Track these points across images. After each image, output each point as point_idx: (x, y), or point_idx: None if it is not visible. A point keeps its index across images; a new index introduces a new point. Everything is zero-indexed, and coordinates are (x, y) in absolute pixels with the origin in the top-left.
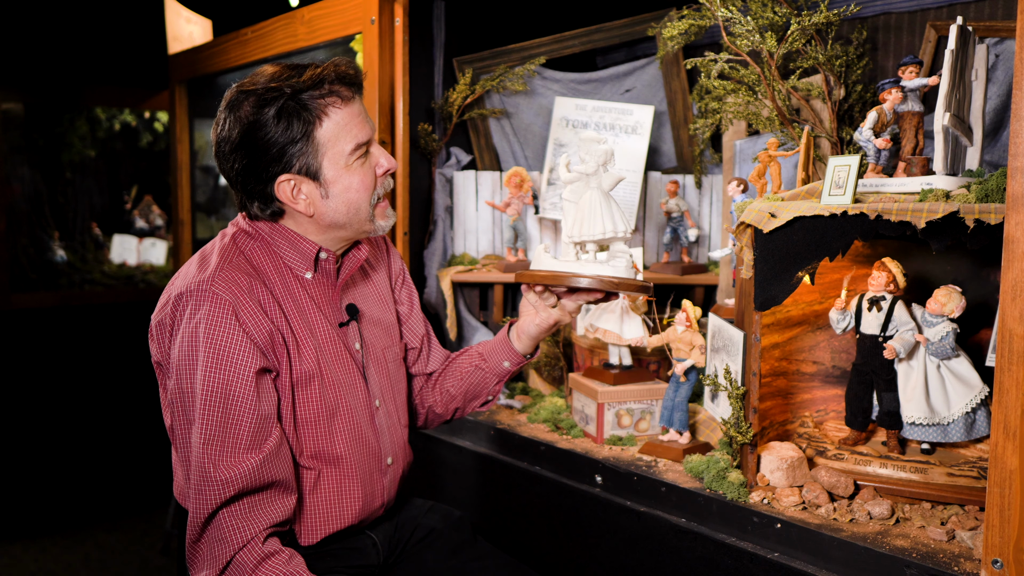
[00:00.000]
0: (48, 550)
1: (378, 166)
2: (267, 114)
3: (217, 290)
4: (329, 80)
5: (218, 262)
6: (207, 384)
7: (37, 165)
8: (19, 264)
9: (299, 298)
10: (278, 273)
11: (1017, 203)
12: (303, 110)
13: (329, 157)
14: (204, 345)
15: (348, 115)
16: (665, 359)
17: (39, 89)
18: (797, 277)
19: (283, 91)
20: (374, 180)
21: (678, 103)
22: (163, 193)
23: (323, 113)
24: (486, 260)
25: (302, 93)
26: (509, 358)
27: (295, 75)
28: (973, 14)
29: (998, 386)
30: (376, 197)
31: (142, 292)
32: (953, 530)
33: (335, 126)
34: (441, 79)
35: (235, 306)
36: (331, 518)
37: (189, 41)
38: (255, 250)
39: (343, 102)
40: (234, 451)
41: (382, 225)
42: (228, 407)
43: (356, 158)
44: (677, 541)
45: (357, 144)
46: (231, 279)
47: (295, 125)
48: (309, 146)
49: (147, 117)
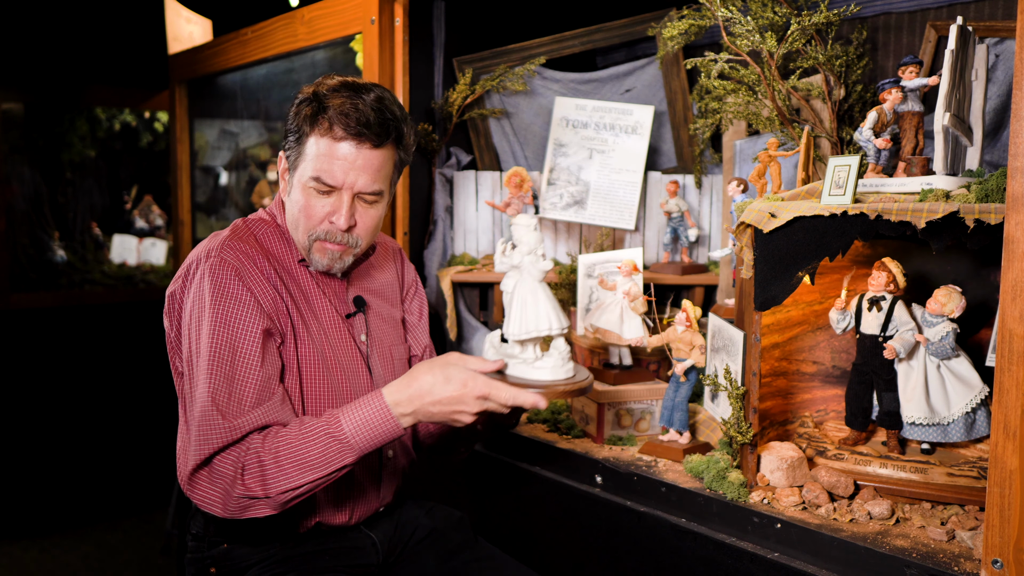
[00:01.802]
0: (48, 550)
1: (330, 212)
2: (296, 99)
3: (225, 256)
4: (331, 108)
5: (229, 235)
6: (214, 341)
7: (37, 165)
8: (19, 264)
9: (306, 284)
10: (288, 256)
11: (1017, 203)
12: (309, 116)
13: (302, 166)
14: (211, 306)
15: (328, 149)
16: (665, 359)
17: (39, 89)
18: (797, 277)
19: (314, 94)
20: (321, 218)
21: (678, 103)
22: (163, 193)
23: (313, 131)
24: (486, 260)
25: (320, 105)
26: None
27: (337, 87)
28: (973, 14)
29: (998, 386)
30: (315, 235)
31: (142, 292)
32: (953, 530)
33: (314, 148)
34: (441, 79)
35: (240, 271)
36: (327, 504)
37: (189, 41)
38: (268, 235)
39: (330, 136)
40: (240, 404)
41: (317, 260)
42: (235, 363)
43: (312, 188)
44: (677, 541)
45: (317, 178)
46: (239, 248)
47: (300, 121)
48: (297, 146)
49: (147, 117)
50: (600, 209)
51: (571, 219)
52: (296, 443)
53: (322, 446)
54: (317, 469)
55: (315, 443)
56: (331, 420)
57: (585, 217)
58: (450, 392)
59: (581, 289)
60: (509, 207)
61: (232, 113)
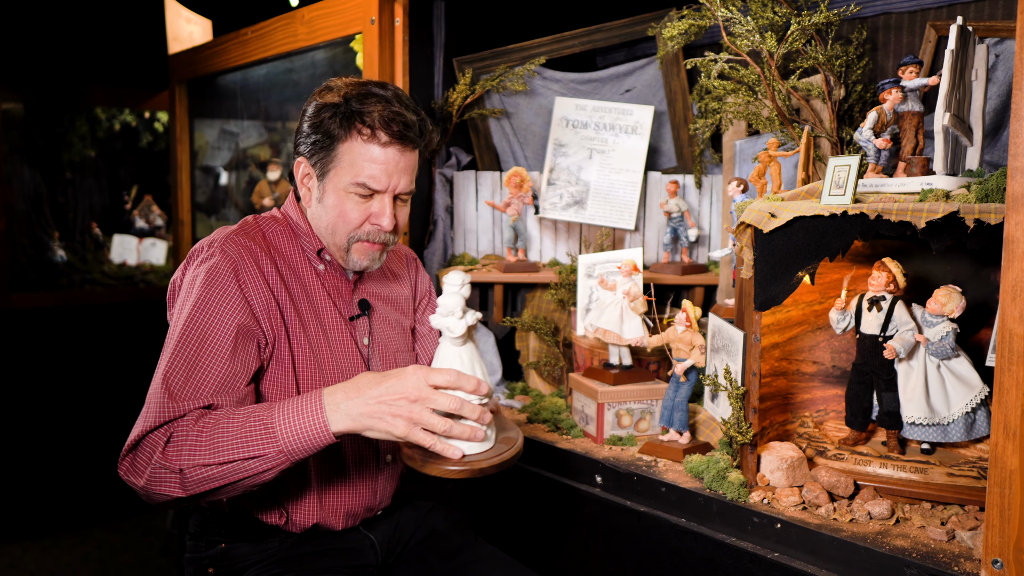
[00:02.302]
0: (48, 550)
1: (374, 215)
2: (320, 102)
3: (226, 248)
4: (372, 113)
5: (236, 229)
6: (189, 323)
7: (37, 165)
8: (19, 264)
9: (311, 284)
10: (296, 256)
11: (1017, 203)
12: (343, 119)
13: (336, 171)
14: (199, 289)
15: (370, 154)
16: (665, 359)
17: (39, 89)
18: (797, 277)
19: (343, 97)
20: (360, 221)
21: (678, 103)
22: (163, 193)
23: (350, 135)
24: (486, 260)
25: (352, 108)
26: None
27: (365, 92)
28: (973, 14)
29: (998, 386)
30: (356, 237)
31: (142, 292)
32: (953, 530)
33: (353, 153)
34: (441, 79)
35: (237, 265)
36: (324, 506)
37: (189, 41)
38: (277, 233)
39: (373, 140)
40: (195, 391)
41: (355, 261)
42: (201, 349)
43: (354, 193)
44: (677, 541)
45: (361, 183)
46: (242, 243)
47: (330, 126)
48: (329, 152)
49: (147, 117)
50: (600, 209)
51: (571, 219)
52: (224, 420)
53: (246, 427)
54: (232, 449)
55: (240, 422)
56: (268, 406)
57: (585, 217)
58: (388, 382)
59: (581, 289)
60: (509, 207)
61: (232, 113)
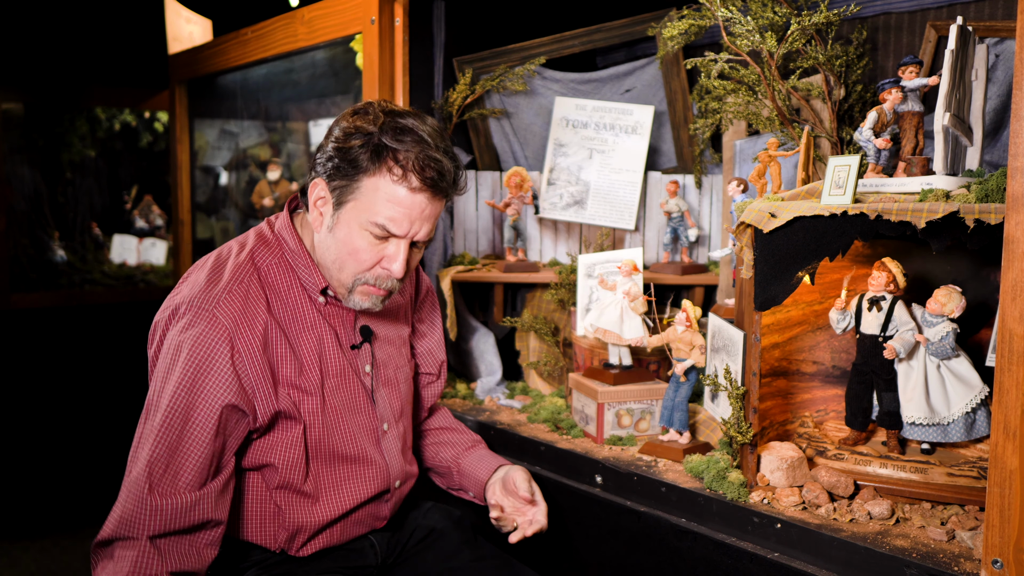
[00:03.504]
0: (48, 550)
1: (386, 259)
2: (350, 127)
3: (219, 313)
4: (408, 153)
5: (229, 280)
6: (173, 401)
7: (37, 165)
8: (19, 264)
9: (310, 319)
10: (292, 292)
11: (1017, 203)
12: (373, 152)
13: (356, 205)
14: (184, 362)
15: (397, 196)
16: (665, 359)
17: (39, 89)
18: (797, 277)
19: (376, 128)
20: (372, 263)
21: (678, 103)
22: (163, 193)
23: (379, 171)
24: (486, 260)
25: (386, 143)
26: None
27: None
28: (973, 14)
29: (998, 386)
30: (364, 279)
31: (142, 292)
32: (953, 530)
33: (378, 191)
34: (441, 79)
35: (232, 334)
36: (330, 537)
37: (189, 41)
38: (272, 267)
39: (403, 182)
40: (175, 480)
41: (355, 302)
42: (184, 432)
43: (372, 233)
44: (677, 541)
45: (381, 226)
46: (237, 305)
47: (359, 155)
48: (353, 181)
49: (147, 117)
50: (600, 209)
51: (571, 219)
52: None
53: None
54: None
55: None
56: None
57: (585, 217)
58: None
59: (581, 289)
60: (509, 207)
61: (232, 113)
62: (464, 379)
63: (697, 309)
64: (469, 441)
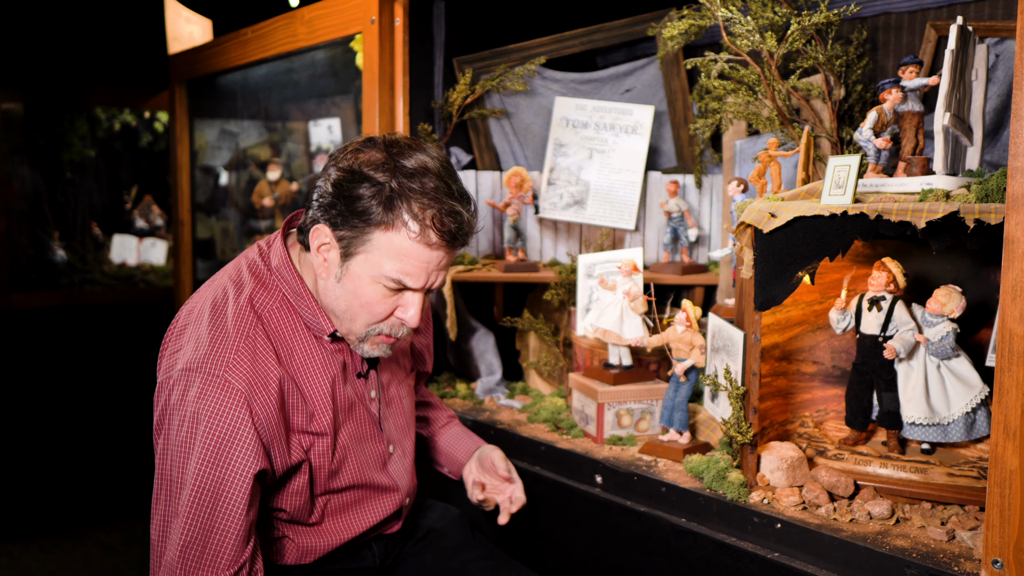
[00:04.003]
0: (48, 550)
1: (401, 308)
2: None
3: (231, 377)
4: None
5: (235, 336)
6: (200, 480)
7: (37, 165)
8: (19, 264)
9: (317, 360)
10: (295, 335)
11: (1017, 203)
12: (386, 206)
13: (367, 258)
14: (205, 435)
15: (414, 252)
16: (665, 359)
17: (39, 89)
18: (797, 277)
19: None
20: (386, 314)
21: (678, 103)
22: (163, 193)
23: (394, 226)
24: (486, 260)
25: (401, 197)
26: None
27: (423, 178)
28: (973, 14)
29: (998, 386)
30: (378, 330)
31: (142, 292)
32: (953, 530)
33: (393, 246)
34: (441, 79)
35: (249, 398)
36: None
37: (189, 41)
38: (274, 311)
39: (420, 239)
40: (211, 565)
41: (366, 350)
42: (216, 510)
43: (386, 285)
44: (677, 541)
45: (397, 280)
46: (248, 365)
47: (370, 207)
48: (363, 233)
49: (147, 117)
50: (600, 209)
51: (571, 219)
52: None
53: None
54: None
55: None
56: None
57: (585, 217)
58: None
59: (581, 289)
60: (509, 207)
61: (232, 113)
62: (464, 379)
63: (697, 309)
64: (444, 417)
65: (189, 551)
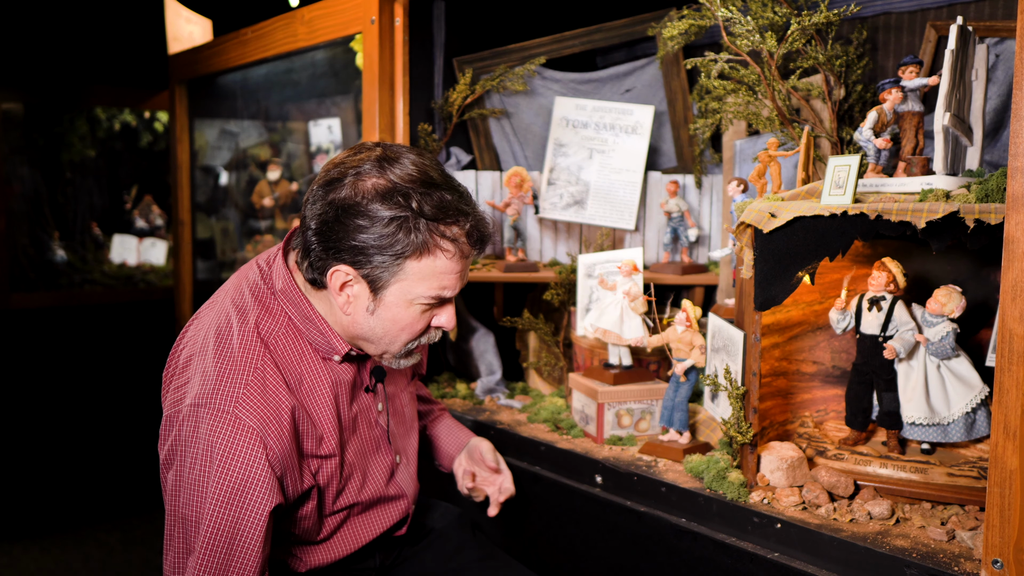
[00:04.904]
0: (48, 550)
1: (436, 317)
2: (378, 212)
3: (242, 414)
4: (463, 226)
5: (243, 369)
6: (216, 520)
7: (37, 165)
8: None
9: (323, 381)
10: (303, 360)
11: (1017, 203)
12: (414, 234)
13: (402, 286)
14: (220, 474)
15: (451, 267)
16: (665, 359)
17: (39, 89)
18: (797, 277)
19: (410, 205)
20: (425, 328)
21: (678, 103)
22: (163, 193)
23: (429, 251)
24: (486, 260)
25: (426, 219)
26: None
27: (433, 192)
28: (973, 14)
29: (998, 386)
30: (417, 343)
31: (142, 292)
32: (953, 530)
33: (431, 269)
34: (441, 79)
35: (263, 434)
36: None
37: (189, 41)
38: (280, 338)
39: (457, 255)
40: None
41: (403, 363)
42: (233, 550)
43: (424, 304)
44: (677, 541)
45: (437, 296)
46: (258, 400)
47: (395, 241)
48: (393, 265)
49: (147, 117)
50: (600, 209)
51: (571, 219)
52: None
53: None
54: None
55: None
56: None
57: (585, 217)
58: None
59: (581, 289)
60: (509, 207)
61: (232, 113)
62: (464, 379)
63: (697, 309)
64: (435, 411)
65: None
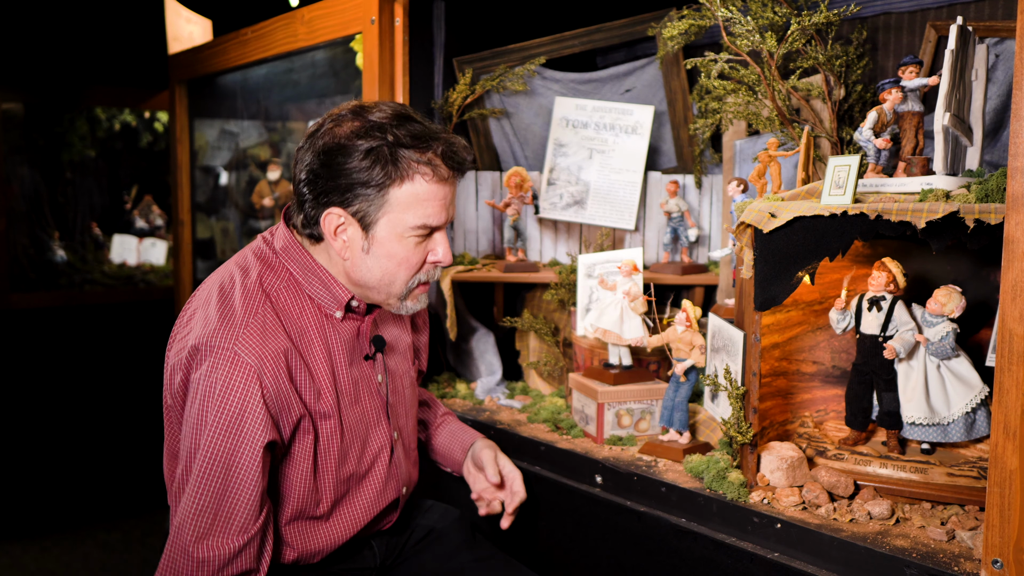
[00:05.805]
0: (48, 550)
1: (431, 252)
2: (358, 146)
3: (241, 351)
4: (436, 150)
5: (243, 314)
6: (212, 449)
7: (37, 165)
8: (19, 264)
9: (324, 338)
10: (304, 314)
11: (1017, 203)
12: (392, 162)
13: (390, 218)
14: (218, 408)
15: (432, 192)
16: (665, 359)
17: (39, 89)
18: (797, 277)
19: (386, 136)
20: (421, 263)
21: (678, 103)
22: (163, 193)
23: (408, 176)
24: (486, 260)
25: (403, 147)
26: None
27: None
28: (973, 14)
29: (998, 386)
30: (416, 281)
31: (142, 292)
32: (953, 530)
33: (413, 195)
34: (441, 79)
35: (260, 371)
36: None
37: (189, 41)
38: (281, 291)
39: (435, 178)
40: (223, 531)
41: (409, 307)
42: (228, 479)
43: (415, 235)
44: (677, 541)
45: (424, 224)
46: (257, 339)
47: (376, 171)
48: (378, 198)
49: (147, 117)
50: (600, 209)
51: (571, 219)
52: None
53: None
54: None
55: None
56: None
57: (585, 217)
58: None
59: (581, 289)
60: (509, 207)
61: (232, 113)
62: (464, 379)
63: (697, 309)
64: (440, 416)
65: (201, 517)
